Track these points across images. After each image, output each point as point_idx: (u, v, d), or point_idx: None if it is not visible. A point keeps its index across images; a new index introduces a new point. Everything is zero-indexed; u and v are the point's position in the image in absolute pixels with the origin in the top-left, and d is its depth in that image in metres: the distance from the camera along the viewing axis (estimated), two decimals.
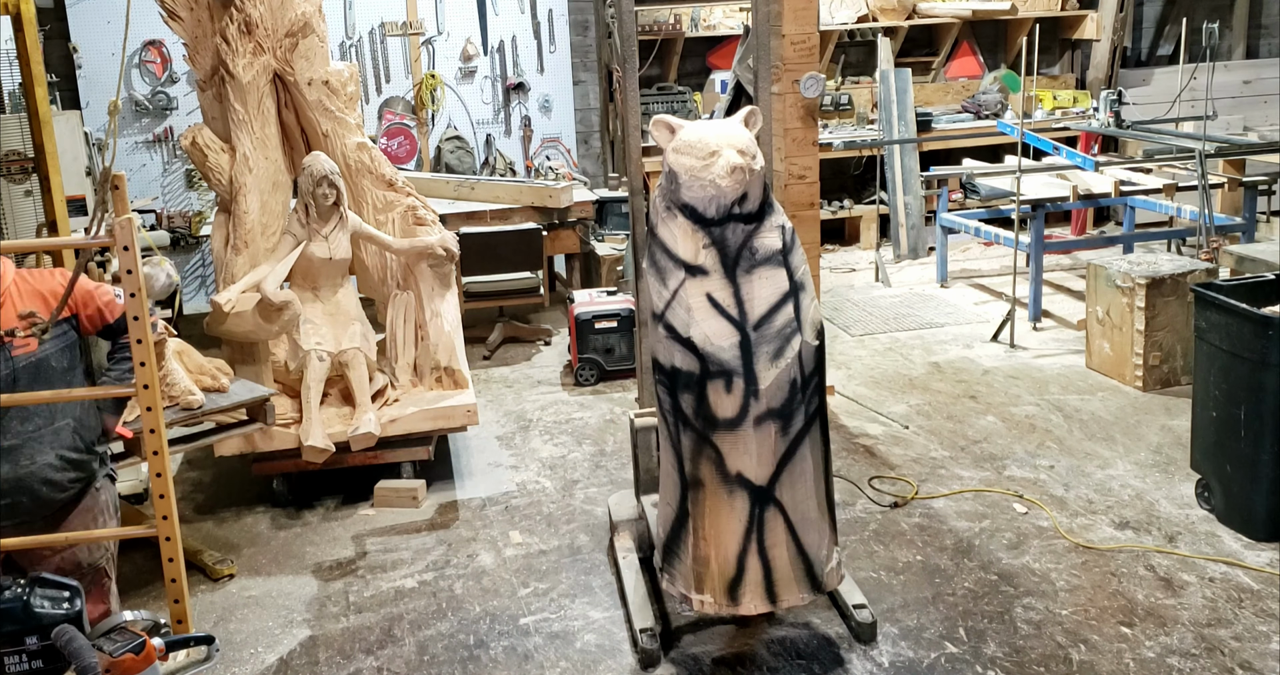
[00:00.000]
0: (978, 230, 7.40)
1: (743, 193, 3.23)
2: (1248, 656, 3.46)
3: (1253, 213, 7.25)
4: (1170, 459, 4.85)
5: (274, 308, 4.45)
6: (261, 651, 3.76)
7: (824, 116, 8.88)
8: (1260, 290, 4.34)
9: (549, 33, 8.20)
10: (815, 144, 5.42)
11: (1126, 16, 9.16)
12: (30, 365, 3.01)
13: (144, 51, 7.52)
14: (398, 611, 3.96)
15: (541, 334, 7.12)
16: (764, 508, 3.25)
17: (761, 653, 3.58)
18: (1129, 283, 5.68)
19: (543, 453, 5.31)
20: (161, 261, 4.79)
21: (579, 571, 4.15)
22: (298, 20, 4.80)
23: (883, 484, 4.78)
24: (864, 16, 8.95)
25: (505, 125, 8.26)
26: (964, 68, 9.59)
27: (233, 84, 4.75)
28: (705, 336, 3.18)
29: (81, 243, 3.68)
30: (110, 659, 2.31)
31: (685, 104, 8.62)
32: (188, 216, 7.66)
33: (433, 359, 4.97)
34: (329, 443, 4.54)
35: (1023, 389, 5.81)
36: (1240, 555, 4.06)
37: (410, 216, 5.08)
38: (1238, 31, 9.76)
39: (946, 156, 8.96)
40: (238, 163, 4.79)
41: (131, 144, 7.61)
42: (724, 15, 8.74)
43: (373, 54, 7.92)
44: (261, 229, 4.80)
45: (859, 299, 7.59)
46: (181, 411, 4.00)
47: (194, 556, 4.26)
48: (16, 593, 2.33)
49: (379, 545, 4.48)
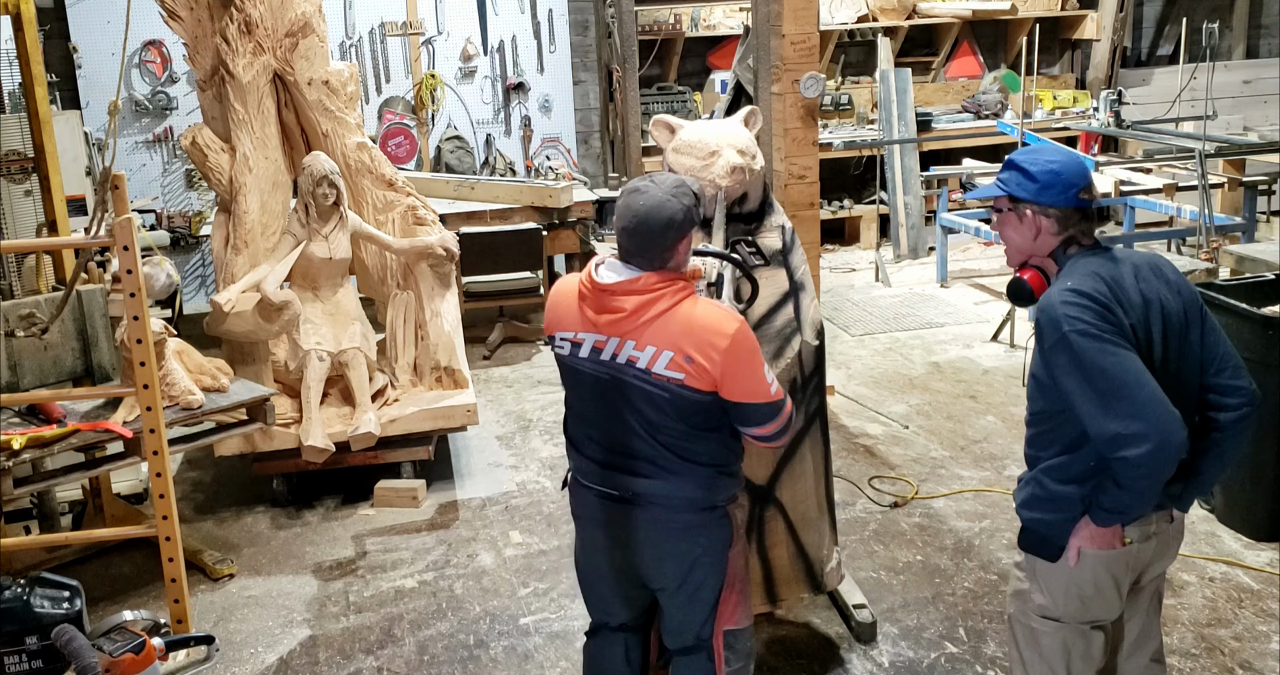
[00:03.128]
0: (978, 230, 7.39)
1: (743, 192, 3.23)
2: (1248, 656, 3.46)
3: (1253, 213, 7.25)
4: None
5: (274, 308, 4.44)
6: (261, 651, 3.76)
7: (824, 116, 8.87)
8: (1260, 290, 4.34)
9: (549, 33, 8.19)
10: (815, 144, 5.41)
11: (1126, 16, 9.16)
12: None
13: (144, 51, 7.52)
14: (398, 611, 3.96)
15: (541, 334, 7.12)
16: (764, 507, 3.25)
17: (761, 653, 3.58)
18: None
19: (543, 453, 5.31)
20: (161, 261, 4.79)
21: None
22: (298, 20, 4.80)
23: (883, 484, 4.78)
24: (864, 16, 8.94)
25: (505, 125, 8.26)
26: (964, 68, 9.59)
27: (233, 84, 4.74)
28: None
29: (81, 243, 3.69)
30: (110, 659, 2.32)
31: (685, 104, 8.62)
32: (188, 216, 7.66)
33: (433, 359, 4.97)
34: (329, 443, 4.54)
35: (1023, 389, 5.81)
36: (1240, 555, 4.07)
37: (410, 216, 5.08)
38: (1238, 31, 9.76)
39: (946, 156, 8.96)
40: (238, 163, 4.79)
41: (131, 144, 7.61)
42: (724, 15, 8.74)
43: (373, 54, 7.92)
44: (261, 229, 4.80)
45: (859, 299, 7.59)
46: (181, 411, 4.00)
47: (194, 556, 4.26)
48: (16, 593, 2.33)
49: (379, 545, 4.48)
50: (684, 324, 2.48)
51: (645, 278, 2.50)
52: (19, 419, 3.87)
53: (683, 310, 2.49)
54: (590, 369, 2.57)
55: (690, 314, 2.49)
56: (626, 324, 2.50)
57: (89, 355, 4.19)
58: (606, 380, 2.55)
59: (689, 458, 2.56)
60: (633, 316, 2.49)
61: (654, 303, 2.49)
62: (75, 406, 4.00)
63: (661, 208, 2.49)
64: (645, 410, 2.53)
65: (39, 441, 3.60)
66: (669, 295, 2.50)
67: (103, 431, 3.74)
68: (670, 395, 2.49)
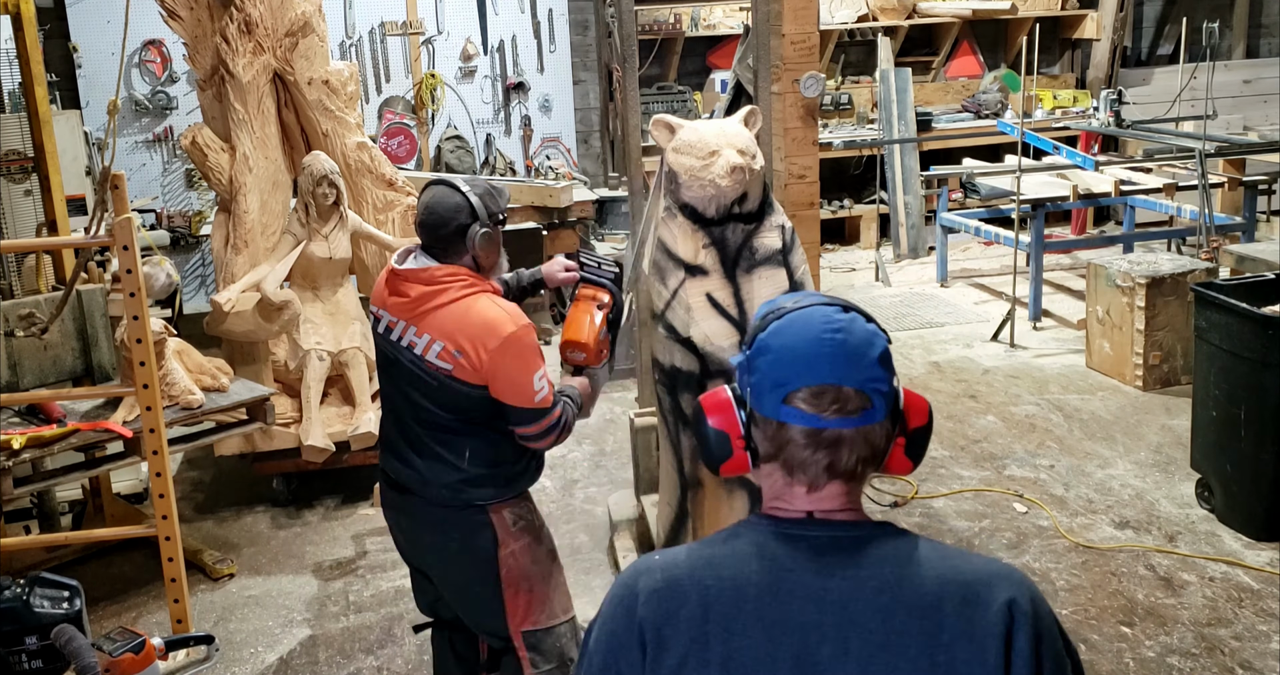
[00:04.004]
0: (978, 230, 7.39)
1: (742, 192, 3.23)
2: (1248, 656, 3.46)
3: (1253, 212, 7.25)
4: (1170, 459, 4.85)
5: (274, 307, 4.44)
6: (261, 651, 3.76)
7: (824, 116, 8.87)
8: (1260, 290, 4.34)
9: (549, 32, 8.19)
10: (815, 144, 5.40)
11: (1126, 16, 9.16)
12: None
13: (144, 51, 7.51)
14: (398, 611, 3.96)
15: (541, 334, 7.12)
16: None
17: None
18: (1129, 282, 5.68)
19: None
20: (161, 261, 4.78)
21: (579, 571, 4.14)
22: (298, 20, 4.80)
23: (883, 483, 4.78)
24: (864, 16, 8.94)
25: (505, 125, 8.26)
26: (964, 67, 9.59)
27: (233, 84, 4.74)
28: (705, 336, 3.18)
29: (81, 242, 3.69)
30: (110, 659, 2.31)
31: (685, 104, 8.62)
32: (188, 216, 7.65)
33: None
34: (329, 442, 4.54)
35: (1023, 388, 5.81)
36: (1240, 555, 4.06)
37: (410, 216, 5.08)
38: (1238, 31, 9.76)
39: (946, 156, 8.95)
40: (238, 162, 4.79)
41: (131, 144, 7.60)
42: (724, 15, 8.74)
43: (373, 54, 7.91)
44: (261, 229, 4.80)
45: (859, 299, 7.57)
46: (181, 411, 4.00)
47: (194, 556, 4.26)
48: (16, 592, 2.33)
49: (379, 545, 4.47)
50: (460, 318, 2.58)
51: (435, 269, 2.62)
52: (19, 419, 3.87)
53: (465, 305, 2.59)
54: (383, 347, 2.71)
55: (470, 309, 2.59)
56: (408, 310, 2.62)
57: (89, 355, 4.19)
58: (391, 360, 2.69)
59: (449, 449, 2.64)
60: (415, 303, 2.61)
61: (438, 294, 2.60)
62: (75, 406, 4.01)
63: (446, 199, 2.61)
64: (414, 395, 2.64)
65: (39, 441, 3.60)
66: (455, 289, 2.59)
67: (103, 431, 3.74)
68: (438, 384, 2.59)
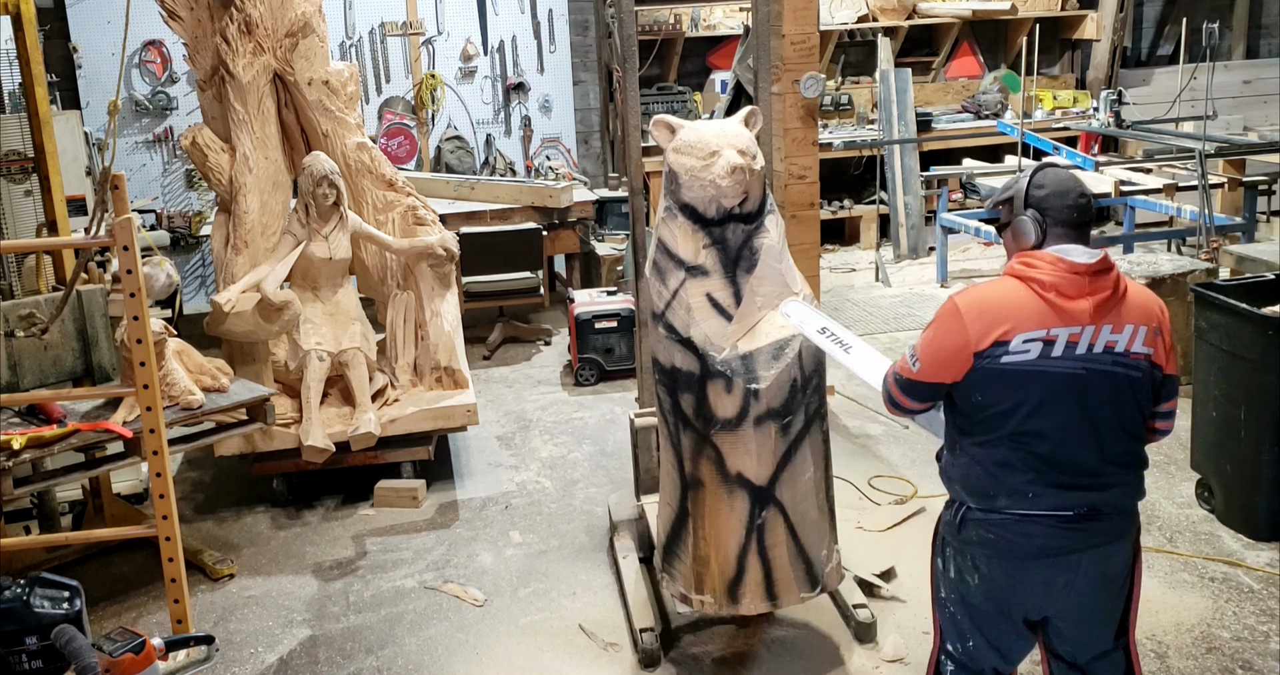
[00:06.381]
0: (978, 230, 7.39)
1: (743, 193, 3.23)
2: (1248, 656, 3.46)
3: (1253, 213, 7.25)
4: (1170, 459, 4.85)
5: (274, 308, 4.44)
6: (261, 651, 3.76)
7: (824, 116, 8.87)
8: (1260, 290, 4.34)
9: (549, 33, 8.20)
10: (815, 144, 5.41)
11: (1126, 16, 9.16)
12: None
13: (144, 51, 7.52)
14: (398, 611, 3.96)
15: (541, 334, 7.12)
16: (764, 508, 3.25)
17: (761, 653, 3.58)
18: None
19: (543, 453, 5.31)
20: (161, 261, 4.78)
21: (579, 571, 4.15)
22: (298, 20, 4.80)
23: (883, 484, 4.78)
24: (864, 16, 8.95)
25: (505, 125, 8.26)
26: (964, 68, 9.59)
27: (233, 84, 4.75)
28: (705, 336, 3.18)
29: (81, 243, 3.69)
30: (110, 659, 2.31)
31: (685, 104, 8.62)
32: (188, 216, 7.66)
33: (433, 359, 4.97)
34: (329, 442, 4.54)
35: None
36: (1240, 555, 4.06)
37: (410, 216, 5.08)
38: (1238, 31, 9.76)
39: (946, 156, 8.95)
40: (238, 163, 4.79)
41: (131, 144, 7.61)
42: (724, 15, 8.74)
43: (373, 54, 7.92)
44: (261, 229, 4.81)
45: (859, 299, 7.59)
46: (181, 411, 4.00)
47: (194, 556, 4.26)
48: (16, 593, 2.33)
49: (379, 545, 4.48)
50: (1136, 296, 2.42)
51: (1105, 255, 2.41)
52: (19, 419, 3.87)
53: (1126, 282, 2.44)
54: (1059, 370, 2.36)
55: (1129, 285, 2.44)
56: (1111, 306, 2.38)
57: (89, 355, 4.19)
58: (1076, 377, 2.37)
59: (1139, 456, 2.51)
60: (1118, 297, 2.39)
61: (1120, 278, 2.42)
62: (75, 406, 4.00)
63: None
64: (1116, 406, 2.41)
65: (39, 441, 3.60)
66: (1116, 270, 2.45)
67: (103, 431, 3.74)
68: (1140, 375, 2.41)
